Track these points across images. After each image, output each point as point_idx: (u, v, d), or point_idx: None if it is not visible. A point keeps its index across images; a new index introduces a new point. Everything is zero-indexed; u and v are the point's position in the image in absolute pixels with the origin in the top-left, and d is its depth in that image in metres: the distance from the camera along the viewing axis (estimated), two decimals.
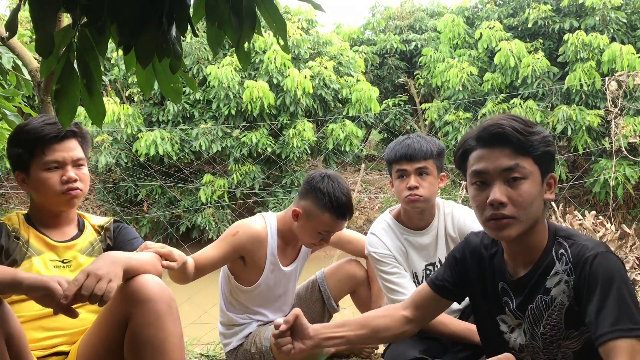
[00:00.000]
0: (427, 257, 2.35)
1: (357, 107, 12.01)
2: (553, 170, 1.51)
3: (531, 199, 1.43)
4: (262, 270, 2.42)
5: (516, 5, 13.25)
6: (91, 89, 1.22)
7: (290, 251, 2.51)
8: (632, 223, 6.19)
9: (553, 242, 1.49)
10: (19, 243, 1.81)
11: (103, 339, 1.67)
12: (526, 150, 1.43)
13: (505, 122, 1.44)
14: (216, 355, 2.96)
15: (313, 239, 2.36)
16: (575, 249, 1.45)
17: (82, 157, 1.92)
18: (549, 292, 1.47)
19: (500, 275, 1.59)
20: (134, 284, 1.64)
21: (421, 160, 2.23)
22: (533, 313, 1.52)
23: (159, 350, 1.61)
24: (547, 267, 1.48)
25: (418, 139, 2.28)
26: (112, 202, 11.49)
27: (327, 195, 2.28)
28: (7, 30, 1.38)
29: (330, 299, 2.65)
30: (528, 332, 1.54)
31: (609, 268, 1.38)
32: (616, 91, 10.03)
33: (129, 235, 2.01)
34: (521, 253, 1.53)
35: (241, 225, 2.39)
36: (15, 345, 1.51)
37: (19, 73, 3.06)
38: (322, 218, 2.30)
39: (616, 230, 3.10)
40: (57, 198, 1.86)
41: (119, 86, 12.19)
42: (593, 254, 1.40)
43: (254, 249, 2.37)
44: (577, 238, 1.47)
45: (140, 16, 1.13)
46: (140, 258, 1.76)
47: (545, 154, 1.46)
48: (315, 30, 13.18)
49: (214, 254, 2.31)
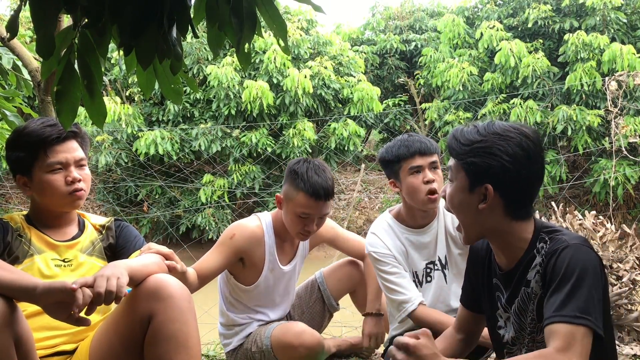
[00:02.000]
0: (427, 256, 2.36)
1: (358, 106, 12.00)
2: (491, 183, 1.47)
3: (451, 200, 1.55)
4: (262, 270, 2.42)
5: (516, 5, 13.24)
6: (92, 90, 1.22)
7: (288, 249, 2.52)
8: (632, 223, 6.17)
9: (537, 237, 1.52)
10: (22, 241, 1.82)
11: (122, 337, 1.68)
12: (454, 155, 1.54)
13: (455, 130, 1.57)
14: (216, 355, 2.96)
15: (295, 224, 2.33)
16: (553, 242, 1.48)
17: (83, 157, 1.92)
18: (529, 284, 1.51)
19: (494, 272, 1.64)
20: (156, 282, 1.67)
21: (434, 154, 2.28)
22: (519, 306, 1.55)
23: (183, 345, 1.64)
24: (529, 260, 1.52)
25: (420, 136, 2.32)
26: (112, 202, 11.48)
27: (300, 175, 2.30)
28: (7, 31, 1.38)
29: (330, 299, 2.65)
30: (516, 324, 1.57)
31: (576, 259, 1.40)
32: (616, 91, 10.02)
33: (131, 234, 2.03)
34: (501, 250, 1.58)
35: (237, 227, 2.39)
36: (23, 347, 1.50)
37: (18, 73, 3.06)
38: (298, 198, 2.29)
39: (616, 230, 3.10)
40: (62, 199, 1.87)
41: (119, 86, 12.18)
42: (564, 245, 1.43)
43: (252, 248, 2.38)
44: (559, 234, 1.50)
45: (141, 17, 1.13)
46: (142, 261, 1.78)
47: (472, 164, 1.48)
48: (316, 30, 13.17)
49: (215, 260, 2.32)
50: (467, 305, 1.79)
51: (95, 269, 1.89)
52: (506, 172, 1.45)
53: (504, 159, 1.45)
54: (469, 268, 1.78)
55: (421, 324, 2.24)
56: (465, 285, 1.80)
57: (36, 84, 2.92)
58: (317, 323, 2.66)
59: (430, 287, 2.35)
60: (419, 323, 2.25)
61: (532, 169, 1.48)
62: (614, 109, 10.01)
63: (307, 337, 2.32)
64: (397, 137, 2.39)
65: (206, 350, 3.04)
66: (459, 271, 2.37)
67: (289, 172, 2.36)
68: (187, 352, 1.65)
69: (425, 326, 2.22)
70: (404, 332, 2.34)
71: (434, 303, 2.33)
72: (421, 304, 2.24)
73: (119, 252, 1.98)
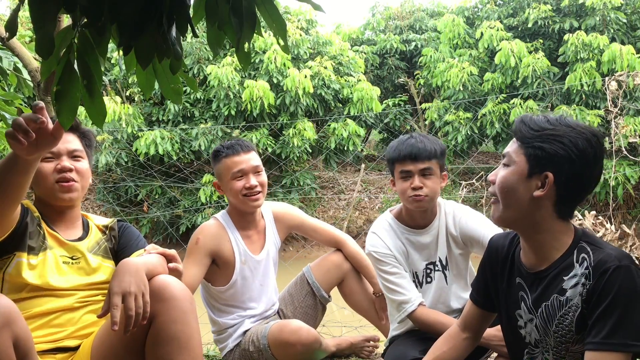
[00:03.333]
0: (427, 257, 2.35)
1: (358, 106, 12.00)
2: (553, 172, 1.48)
3: (504, 183, 1.54)
4: (234, 264, 2.48)
5: (516, 5, 13.25)
6: (92, 90, 1.22)
7: (255, 237, 2.57)
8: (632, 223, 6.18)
9: (576, 245, 1.50)
10: (40, 232, 1.82)
11: (123, 337, 1.68)
12: (519, 138, 1.54)
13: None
14: (216, 355, 2.96)
15: (237, 191, 2.44)
16: (598, 254, 1.45)
17: (78, 149, 1.91)
18: (565, 292, 1.48)
19: (517, 270, 1.62)
20: (158, 283, 1.69)
21: (425, 161, 2.23)
22: (547, 311, 1.53)
23: (185, 346, 1.65)
24: (565, 267, 1.49)
25: (422, 139, 2.27)
26: (112, 202, 11.48)
27: (217, 150, 2.50)
28: (7, 31, 1.38)
29: (320, 290, 2.68)
30: (541, 328, 1.55)
31: (627, 283, 1.37)
32: (616, 91, 10.00)
33: (133, 235, 2.04)
34: (534, 248, 1.55)
35: (199, 231, 2.50)
36: (22, 347, 1.51)
37: (18, 74, 3.06)
38: (223, 166, 2.46)
39: (616, 230, 3.10)
40: (50, 188, 1.86)
41: (119, 86, 12.18)
42: (615, 265, 1.40)
43: (219, 245, 2.46)
44: (602, 245, 1.48)
45: (140, 17, 1.13)
46: (153, 261, 1.79)
47: (540, 148, 1.48)
48: (315, 30, 13.17)
49: (193, 271, 2.40)
50: (478, 302, 1.78)
51: (102, 268, 1.91)
52: (571, 164, 1.44)
53: (573, 151, 1.43)
54: (485, 265, 1.75)
55: (421, 324, 2.24)
56: (478, 283, 1.78)
57: (36, 84, 2.92)
58: (311, 317, 2.68)
59: (430, 288, 2.35)
60: (418, 324, 2.24)
61: (594, 170, 1.47)
62: (613, 109, 9.99)
63: (303, 334, 2.34)
64: (401, 136, 2.37)
65: (206, 351, 3.04)
66: (460, 272, 2.37)
67: (212, 158, 2.54)
68: (189, 354, 1.66)
69: (424, 327, 2.23)
70: (404, 333, 2.35)
71: (434, 304, 2.33)
72: (421, 304, 2.24)
73: (120, 252, 1.99)
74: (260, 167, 2.48)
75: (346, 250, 2.70)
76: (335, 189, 13.01)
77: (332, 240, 2.73)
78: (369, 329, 3.11)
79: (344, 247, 2.71)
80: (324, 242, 2.76)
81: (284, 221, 2.66)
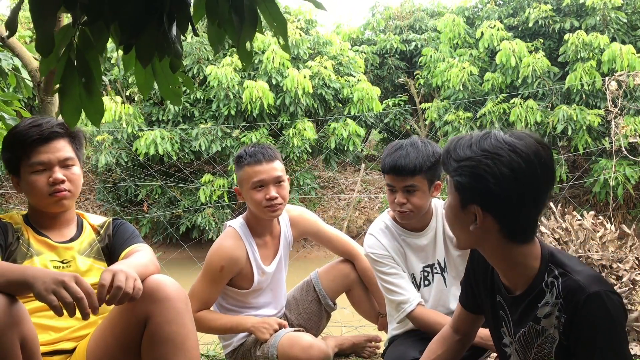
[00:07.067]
0: (425, 259, 2.34)
1: (358, 106, 12.00)
2: (479, 204, 1.39)
3: (446, 215, 1.52)
4: (253, 277, 2.48)
5: (516, 5, 13.25)
6: (90, 88, 1.22)
7: (270, 243, 2.55)
8: (632, 223, 6.18)
9: (545, 268, 1.42)
10: (20, 242, 1.81)
11: (119, 338, 1.67)
12: (444, 169, 1.51)
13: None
14: (216, 355, 2.96)
15: (257, 200, 2.39)
16: (566, 282, 1.38)
17: (69, 156, 1.88)
18: (540, 321, 1.43)
19: (497, 288, 1.57)
20: (152, 283, 1.66)
21: (408, 178, 2.15)
22: (525, 338, 1.49)
23: (180, 347, 1.64)
24: (538, 294, 1.43)
25: (409, 151, 2.16)
26: (112, 202, 11.48)
27: (240, 156, 2.44)
28: (7, 29, 1.38)
29: (326, 298, 2.65)
30: (521, 353, 1.52)
31: (600, 313, 1.32)
32: (616, 91, 10.02)
33: (127, 230, 2.01)
34: (504, 272, 1.50)
35: (222, 257, 2.41)
36: (28, 347, 1.50)
37: (18, 74, 3.05)
38: (245, 173, 2.40)
39: (616, 230, 3.10)
40: (45, 200, 1.86)
41: (119, 86, 12.18)
42: (585, 296, 1.33)
43: (240, 265, 2.44)
44: (569, 268, 1.39)
45: (141, 15, 1.13)
46: (143, 261, 1.77)
47: (458, 183, 1.40)
48: (315, 30, 13.17)
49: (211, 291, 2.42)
50: (466, 305, 1.75)
51: (93, 271, 1.89)
52: (491, 195, 1.34)
53: (489, 181, 1.33)
54: (469, 271, 1.71)
55: (419, 324, 2.23)
56: (466, 286, 1.74)
57: (36, 84, 2.91)
58: (314, 323, 2.66)
59: (430, 291, 2.33)
60: (417, 323, 2.24)
61: (523, 191, 1.34)
62: (614, 109, 10.00)
63: (314, 352, 2.29)
64: (395, 141, 2.28)
65: (206, 350, 3.03)
66: (458, 273, 2.36)
67: (234, 163, 2.49)
68: (185, 355, 1.64)
69: (423, 327, 2.22)
70: (403, 333, 2.35)
71: (434, 306, 2.31)
72: (419, 304, 2.23)
73: (114, 248, 1.97)
74: (282, 178, 2.42)
75: (359, 265, 2.64)
76: (335, 189, 13.01)
77: (346, 252, 2.66)
78: (370, 329, 3.10)
79: (357, 261, 2.64)
80: (337, 253, 2.70)
81: (300, 226, 2.63)
